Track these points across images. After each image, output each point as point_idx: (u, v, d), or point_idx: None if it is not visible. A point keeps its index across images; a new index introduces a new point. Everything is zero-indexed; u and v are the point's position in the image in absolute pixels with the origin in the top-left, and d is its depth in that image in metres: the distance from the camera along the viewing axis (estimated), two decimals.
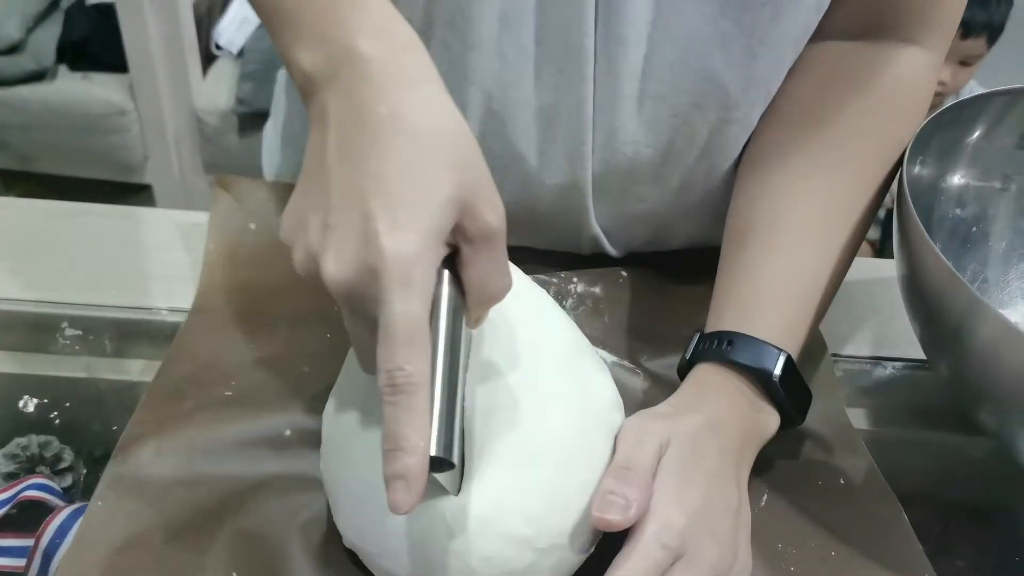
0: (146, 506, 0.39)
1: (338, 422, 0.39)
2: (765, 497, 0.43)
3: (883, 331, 0.55)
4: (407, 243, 0.29)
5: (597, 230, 0.51)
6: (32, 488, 0.45)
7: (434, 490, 0.34)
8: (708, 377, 0.42)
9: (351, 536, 0.38)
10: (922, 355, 0.49)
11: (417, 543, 0.35)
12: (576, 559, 0.36)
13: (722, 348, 0.41)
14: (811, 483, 0.44)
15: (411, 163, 0.30)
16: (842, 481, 0.44)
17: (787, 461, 0.45)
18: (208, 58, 1.66)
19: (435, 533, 0.34)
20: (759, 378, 0.41)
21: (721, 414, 0.40)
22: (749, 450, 0.41)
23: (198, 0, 1.58)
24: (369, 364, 0.33)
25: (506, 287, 0.33)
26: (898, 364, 0.54)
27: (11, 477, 0.46)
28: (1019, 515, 0.53)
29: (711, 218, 0.51)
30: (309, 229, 0.31)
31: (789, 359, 0.41)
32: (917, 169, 0.48)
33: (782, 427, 0.43)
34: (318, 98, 0.33)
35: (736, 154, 0.49)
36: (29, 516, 0.43)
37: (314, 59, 0.33)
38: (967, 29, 1.39)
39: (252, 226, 0.53)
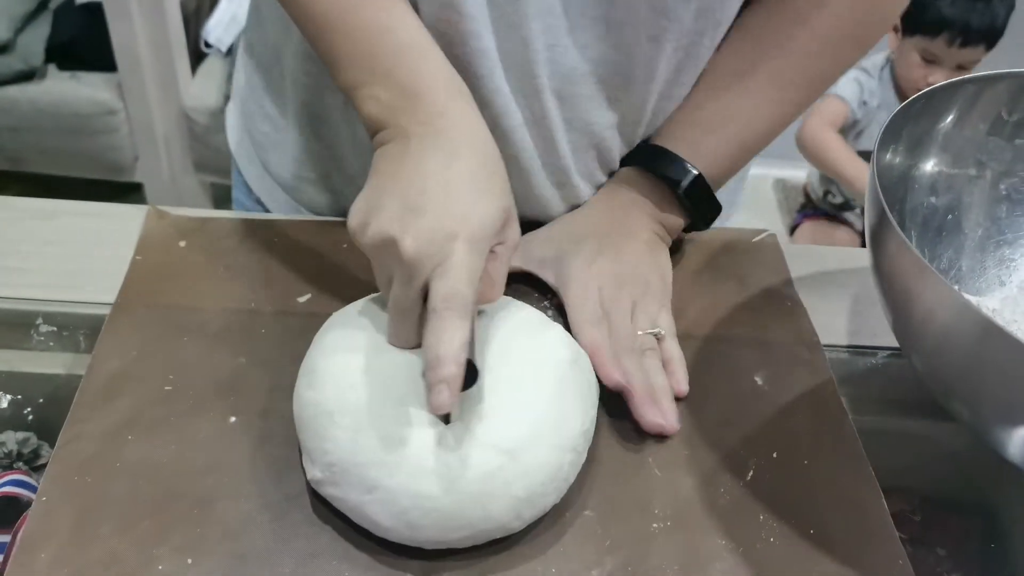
0: (92, 499, 0.40)
1: (335, 358, 0.41)
2: (751, 472, 0.44)
3: (862, 320, 0.55)
4: (476, 226, 0.39)
5: (569, 162, 0.54)
6: (9, 484, 0.45)
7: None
8: (629, 176, 0.55)
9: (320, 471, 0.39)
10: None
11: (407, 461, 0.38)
12: (545, 460, 0.39)
13: (647, 157, 0.54)
14: (797, 462, 0.45)
15: (478, 175, 0.40)
16: (827, 463, 0.45)
17: (775, 439, 0.46)
18: (197, 56, 1.66)
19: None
20: (669, 185, 0.53)
21: (629, 210, 0.53)
22: (662, 243, 0.54)
23: None
24: (405, 327, 0.40)
25: (499, 295, 0.44)
26: (877, 353, 0.54)
27: None
28: (997, 504, 0.54)
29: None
30: (384, 213, 0.39)
31: (701, 179, 0.52)
32: (888, 158, 0.48)
33: (691, 227, 0.55)
34: (395, 121, 0.42)
35: (690, 85, 0.54)
36: (6, 512, 0.43)
37: (392, 96, 0.42)
38: (967, 38, 1.40)
39: (182, 244, 0.53)
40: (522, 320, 0.44)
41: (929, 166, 0.51)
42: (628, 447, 0.45)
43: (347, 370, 0.40)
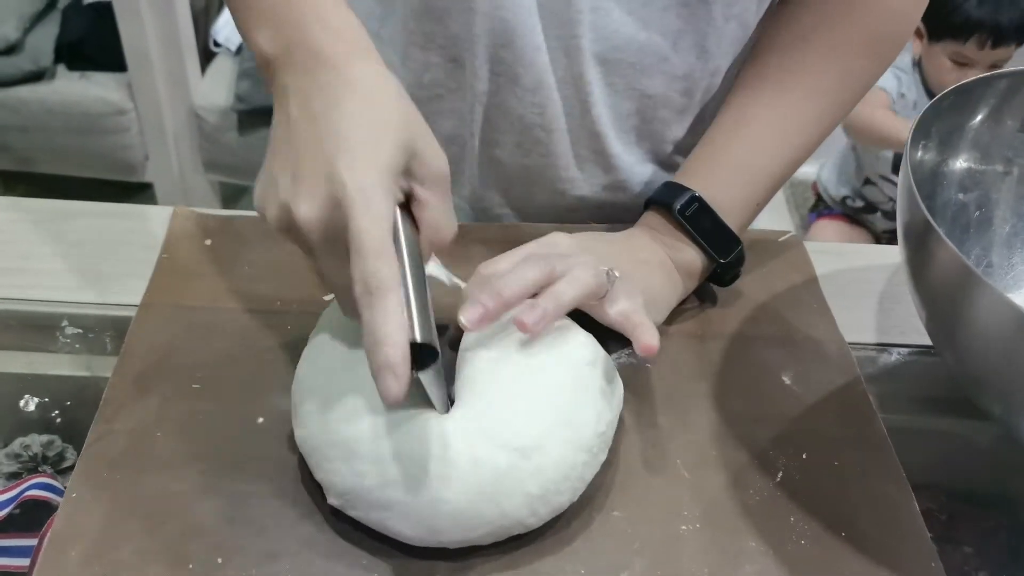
0: (122, 496, 0.40)
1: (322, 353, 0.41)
2: (781, 473, 0.44)
3: (888, 317, 0.55)
4: (364, 174, 0.34)
5: (602, 127, 0.54)
6: (35, 488, 0.45)
7: (419, 401, 0.38)
8: (645, 217, 0.53)
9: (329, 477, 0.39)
10: (927, 341, 0.49)
11: (405, 454, 0.37)
12: (558, 459, 0.39)
13: (656, 192, 0.52)
14: (827, 463, 0.44)
15: (364, 116, 0.36)
16: (857, 463, 0.44)
17: (804, 439, 0.45)
18: (206, 56, 1.66)
19: (425, 445, 0.37)
20: (673, 216, 0.50)
21: (639, 235, 0.51)
22: (667, 267, 0.50)
23: None
24: (348, 305, 0.37)
25: (453, 229, 0.38)
26: (904, 350, 0.54)
27: (14, 477, 0.46)
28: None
29: (707, 124, 0.55)
30: (279, 186, 0.36)
31: (701, 201, 0.50)
32: (919, 154, 0.48)
33: (718, 277, 0.52)
34: (278, 78, 0.38)
35: (734, 54, 0.53)
36: (32, 516, 0.43)
37: (273, 44, 0.38)
38: (998, 37, 1.37)
39: (208, 242, 0.53)
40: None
41: (959, 162, 0.50)
42: (656, 447, 0.44)
43: (329, 402, 0.39)
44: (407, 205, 0.38)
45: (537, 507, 0.38)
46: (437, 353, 0.35)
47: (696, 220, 0.50)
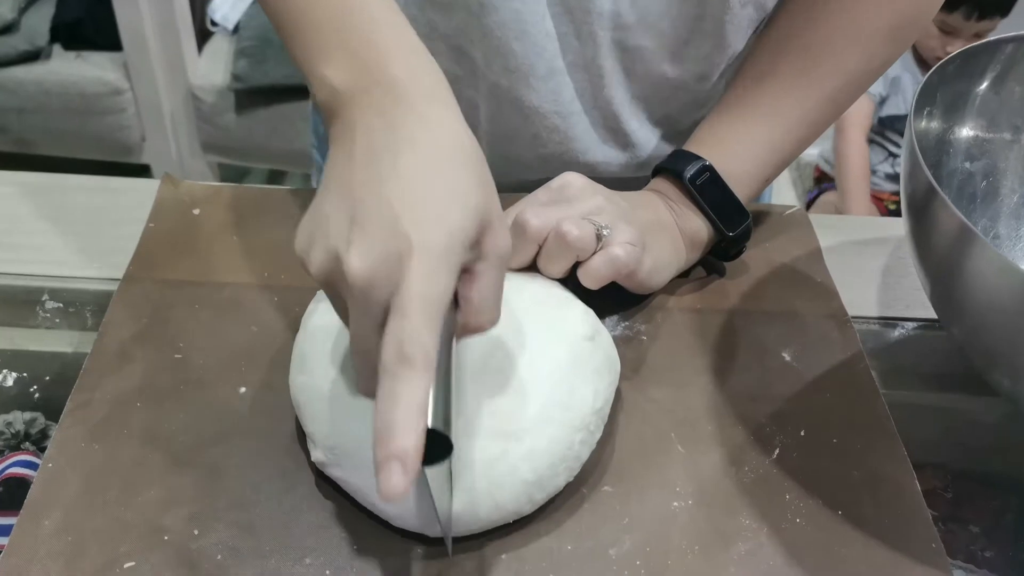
0: (99, 466, 0.39)
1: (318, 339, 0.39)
2: (778, 450, 0.42)
3: (892, 291, 0.54)
4: (434, 235, 0.30)
5: (617, 107, 0.52)
6: (17, 465, 0.44)
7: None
8: (654, 185, 0.51)
9: (321, 454, 0.38)
10: (932, 315, 0.47)
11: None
12: (553, 440, 0.37)
13: (666, 159, 0.50)
14: (826, 440, 0.43)
15: (442, 170, 0.32)
16: (857, 440, 0.43)
17: (803, 417, 0.44)
18: (203, 35, 1.64)
19: None
20: (683, 185, 0.48)
21: (651, 197, 0.49)
22: (674, 232, 0.49)
23: None
24: (365, 373, 0.32)
25: (496, 317, 0.34)
26: (908, 325, 0.53)
27: None
28: None
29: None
30: (330, 228, 0.32)
31: (712, 171, 0.48)
32: (924, 123, 0.46)
33: (722, 251, 0.51)
34: (346, 112, 0.34)
35: (749, 37, 0.52)
36: (15, 494, 0.43)
37: (344, 76, 0.35)
38: (983, 11, 1.41)
39: (196, 211, 0.52)
40: (543, 294, 0.43)
41: (964, 130, 0.49)
42: (650, 422, 0.43)
43: (339, 351, 0.39)
44: None
45: (533, 493, 0.37)
46: (451, 447, 0.30)
47: (706, 190, 0.49)
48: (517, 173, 0.55)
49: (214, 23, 1.64)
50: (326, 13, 0.36)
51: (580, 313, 0.42)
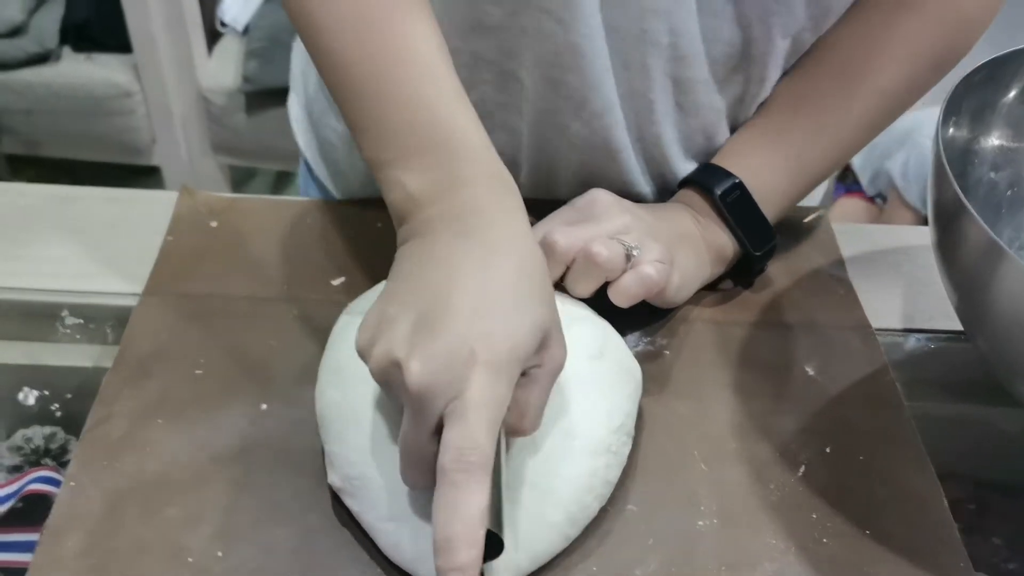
0: (121, 483, 0.39)
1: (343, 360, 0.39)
2: (803, 468, 0.42)
3: (917, 302, 0.53)
4: (499, 349, 0.31)
5: (670, 144, 0.52)
6: (38, 481, 0.44)
7: None
8: (682, 197, 0.50)
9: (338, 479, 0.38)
10: (957, 326, 0.47)
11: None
12: (576, 473, 0.37)
13: (695, 172, 0.50)
14: (851, 456, 0.43)
15: (511, 285, 0.33)
16: (883, 456, 0.43)
17: (828, 433, 0.44)
18: (213, 36, 1.64)
19: None
20: (712, 200, 0.48)
21: (680, 211, 0.49)
22: (700, 247, 0.48)
23: None
24: (415, 470, 0.33)
25: (536, 426, 0.34)
26: (932, 336, 0.52)
27: (16, 470, 0.45)
28: None
29: None
30: (396, 329, 0.32)
31: (743, 189, 0.48)
32: (951, 132, 0.45)
33: (745, 268, 0.50)
34: (420, 217, 0.35)
35: (784, 67, 0.52)
36: (35, 510, 0.43)
37: (421, 183, 0.35)
38: None
39: (213, 224, 0.52)
40: None
41: (990, 140, 0.48)
42: (673, 439, 0.43)
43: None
44: None
45: (566, 530, 0.37)
46: (502, 545, 0.31)
47: (735, 208, 0.48)
48: (555, 192, 0.54)
49: (224, 24, 1.64)
50: (405, 116, 0.36)
51: (587, 330, 0.41)
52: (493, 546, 0.30)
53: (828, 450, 0.43)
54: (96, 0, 1.56)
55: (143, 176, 1.69)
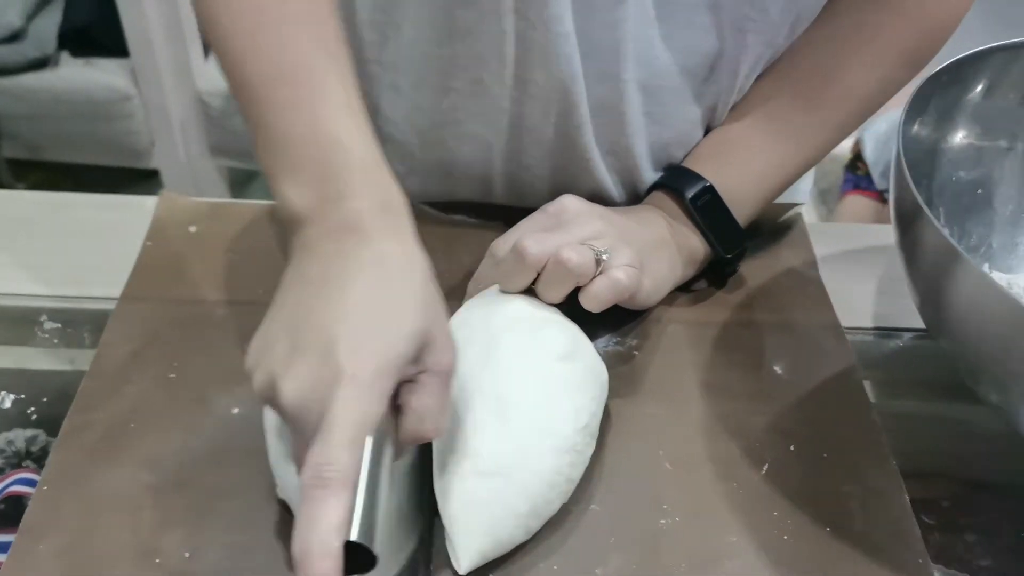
0: (94, 488, 0.40)
1: None
2: (767, 466, 0.42)
3: (890, 300, 0.53)
4: (365, 365, 0.31)
5: (641, 155, 0.52)
6: (18, 483, 0.45)
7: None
8: (654, 200, 0.51)
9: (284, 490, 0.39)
10: None
11: None
12: (542, 468, 0.38)
13: (666, 175, 0.51)
14: (816, 455, 0.43)
15: (382, 300, 0.33)
16: (847, 455, 0.43)
17: (794, 431, 0.44)
18: None
19: None
20: (683, 203, 0.49)
21: (651, 213, 0.50)
22: (671, 250, 0.48)
23: None
24: (292, 488, 0.34)
25: (438, 426, 0.34)
26: (905, 335, 0.52)
27: None
28: None
29: None
30: (274, 351, 0.33)
31: (713, 192, 0.49)
32: (916, 129, 0.46)
33: (716, 270, 0.51)
34: (303, 234, 0.36)
35: (758, 72, 0.52)
36: (16, 511, 0.43)
37: (306, 200, 0.35)
38: None
39: (193, 229, 0.53)
40: (514, 317, 0.42)
41: (958, 139, 0.48)
42: (641, 439, 0.43)
43: None
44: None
45: (530, 523, 0.38)
46: (374, 560, 0.30)
47: (707, 212, 0.49)
48: (528, 200, 0.54)
49: None
50: (287, 128, 0.36)
51: (556, 332, 0.42)
52: (366, 559, 0.30)
53: (793, 448, 0.43)
54: (94, 5, 1.57)
55: (143, 179, 1.70)
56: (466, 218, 0.55)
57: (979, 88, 0.47)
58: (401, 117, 0.52)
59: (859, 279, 0.54)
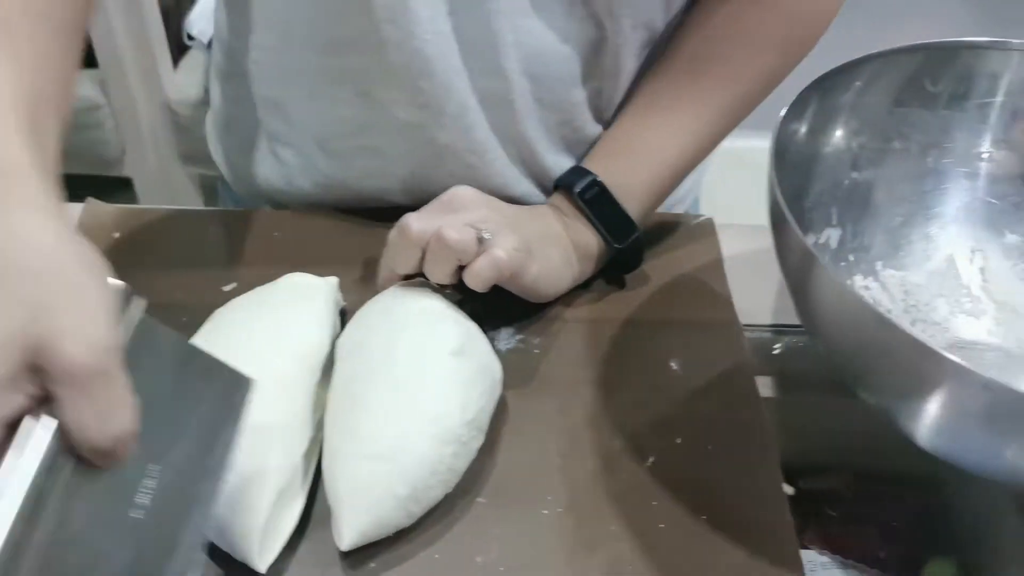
0: None
1: None
2: (652, 459, 0.44)
3: (785, 298, 0.55)
4: None
5: (532, 142, 0.53)
6: None
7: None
8: (552, 200, 0.53)
9: None
10: None
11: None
12: (423, 455, 0.39)
13: (561, 178, 0.52)
14: (700, 447, 0.44)
15: None
16: (731, 447, 0.44)
17: (682, 425, 0.45)
18: (181, 49, 1.66)
19: None
20: (572, 197, 0.51)
21: (544, 211, 0.51)
22: (565, 243, 0.50)
23: None
24: None
25: (111, 433, 0.27)
26: (801, 332, 0.54)
27: None
28: (929, 480, 0.53)
29: None
30: None
31: (601, 185, 0.50)
32: (803, 131, 0.47)
33: (620, 263, 0.52)
34: None
35: (642, 57, 0.54)
36: None
37: None
38: None
39: (116, 235, 0.54)
40: (421, 309, 0.44)
41: (851, 140, 0.50)
42: (532, 435, 0.45)
43: None
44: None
45: (410, 507, 0.39)
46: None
47: (594, 204, 0.50)
48: None
49: (191, 37, 1.67)
50: None
51: (451, 328, 0.44)
52: None
53: (679, 441, 0.45)
54: None
55: (116, 188, 1.71)
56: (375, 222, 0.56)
57: (861, 89, 0.48)
58: (301, 129, 0.54)
59: (764, 277, 0.56)
